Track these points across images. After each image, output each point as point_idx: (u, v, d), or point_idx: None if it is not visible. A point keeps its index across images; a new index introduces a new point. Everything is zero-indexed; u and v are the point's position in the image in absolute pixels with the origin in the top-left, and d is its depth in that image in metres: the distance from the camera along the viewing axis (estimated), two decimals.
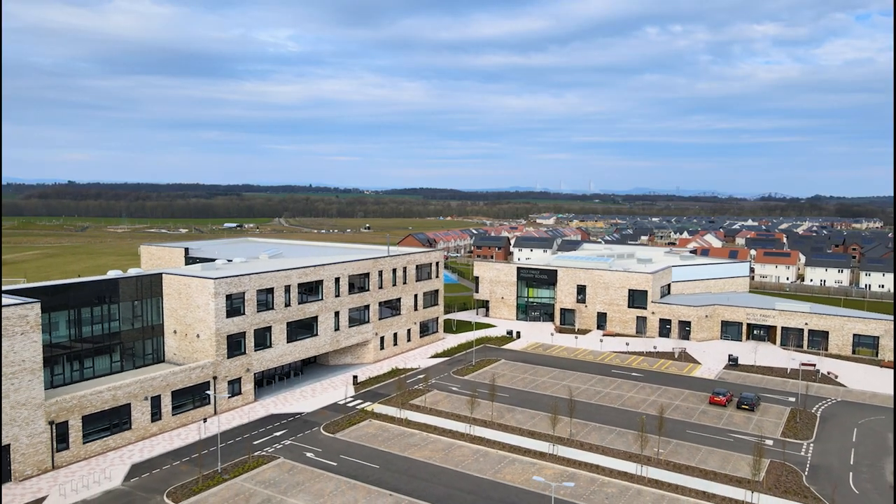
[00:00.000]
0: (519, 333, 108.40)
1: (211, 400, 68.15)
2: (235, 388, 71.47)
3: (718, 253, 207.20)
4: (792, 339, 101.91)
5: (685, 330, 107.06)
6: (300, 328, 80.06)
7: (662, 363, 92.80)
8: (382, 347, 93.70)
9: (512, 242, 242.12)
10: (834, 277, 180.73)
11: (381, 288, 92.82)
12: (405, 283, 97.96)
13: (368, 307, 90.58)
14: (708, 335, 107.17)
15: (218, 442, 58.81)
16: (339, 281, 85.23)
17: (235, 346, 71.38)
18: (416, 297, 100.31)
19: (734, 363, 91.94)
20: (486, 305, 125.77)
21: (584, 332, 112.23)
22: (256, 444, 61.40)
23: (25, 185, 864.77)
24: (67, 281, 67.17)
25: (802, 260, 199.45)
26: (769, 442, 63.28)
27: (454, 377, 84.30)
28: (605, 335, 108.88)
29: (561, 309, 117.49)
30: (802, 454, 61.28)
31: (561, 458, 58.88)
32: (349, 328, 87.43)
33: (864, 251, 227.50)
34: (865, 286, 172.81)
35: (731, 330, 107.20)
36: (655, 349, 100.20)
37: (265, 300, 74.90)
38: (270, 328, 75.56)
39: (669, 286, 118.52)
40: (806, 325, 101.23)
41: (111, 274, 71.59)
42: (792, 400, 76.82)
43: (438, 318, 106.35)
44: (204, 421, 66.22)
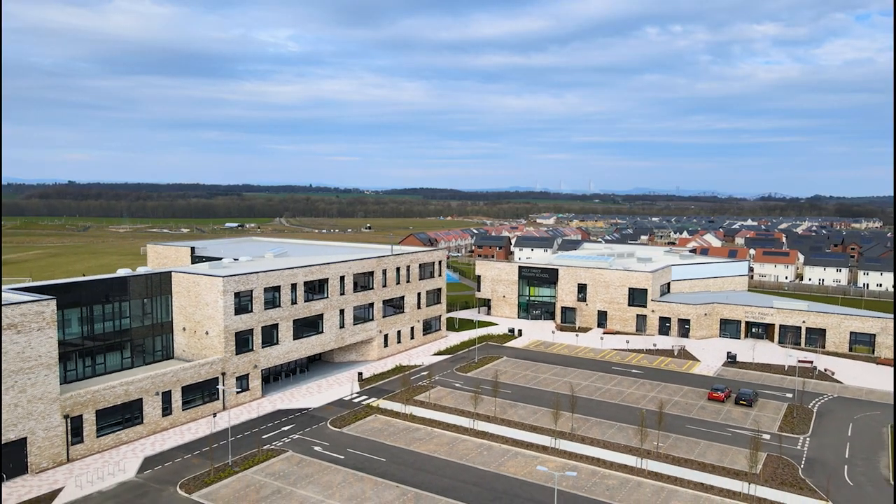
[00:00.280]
0: (520, 331, 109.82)
1: (220, 395, 69.58)
2: (243, 383, 72.91)
3: (718, 252, 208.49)
4: (790, 336, 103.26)
5: (684, 328, 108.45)
6: (306, 326, 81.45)
7: (662, 360, 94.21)
8: (386, 345, 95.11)
9: (512, 242, 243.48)
10: (832, 277, 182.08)
11: (384, 286, 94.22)
12: (408, 281, 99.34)
13: (373, 305, 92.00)
14: (707, 333, 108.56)
15: (229, 435, 60.29)
16: (343, 279, 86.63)
17: (243, 342, 72.80)
18: (419, 295, 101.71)
19: (733, 360, 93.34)
20: (487, 304, 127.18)
21: (584, 330, 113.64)
22: (265, 438, 62.82)
23: (26, 185, 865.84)
24: (79, 279, 68.65)
25: (801, 259, 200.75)
26: (766, 436, 64.63)
27: (457, 374, 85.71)
28: (605, 333, 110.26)
29: (562, 307, 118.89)
30: (799, 448, 62.68)
31: (563, 451, 60.30)
32: (354, 326, 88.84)
33: (862, 251, 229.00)
34: (863, 285, 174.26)
35: (729, 328, 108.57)
36: (655, 347, 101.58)
37: (272, 298, 76.30)
38: (277, 325, 76.98)
39: (669, 285, 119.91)
40: (803, 322, 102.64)
41: (121, 272, 72.95)
42: (789, 396, 78.24)
43: (441, 316, 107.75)
44: (214, 416, 67.67)
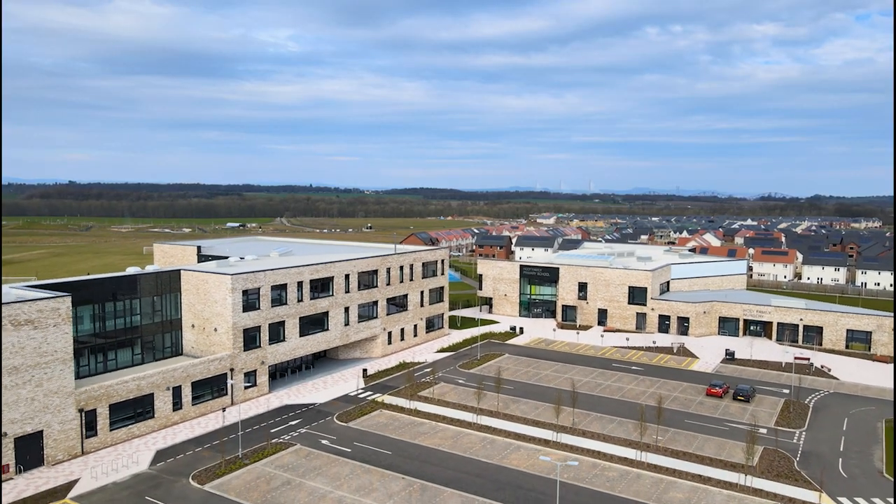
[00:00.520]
0: (522, 329, 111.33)
1: (229, 390, 71.09)
2: (251, 379, 74.40)
3: (717, 252, 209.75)
4: (787, 334, 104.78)
5: (684, 326, 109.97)
6: (312, 323, 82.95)
7: (661, 357, 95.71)
8: (390, 342, 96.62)
9: (513, 241, 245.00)
10: (830, 276, 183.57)
11: (388, 284, 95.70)
12: (412, 280, 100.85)
13: (377, 303, 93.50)
14: (706, 331, 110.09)
15: (239, 429, 61.83)
16: (348, 278, 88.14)
17: (251, 339, 74.32)
18: (422, 293, 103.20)
19: (731, 357, 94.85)
20: (489, 302, 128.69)
21: (585, 328, 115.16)
22: (273, 431, 64.31)
23: (26, 185, 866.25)
24: (91, 277, 70.16)
25: (800, 259, 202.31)
26: (763, 430, 66.14)
27: (460, 370, 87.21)
28: (605, 331, 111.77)
29: (563, 305, 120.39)
30: (795, 442, 64.19)
31: (564, 444, 61.80)
32: (358, 323, 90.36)
33: (860, 250, 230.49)
34: (861, 284, 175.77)
35: (728, 326, 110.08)
36: (655, 344, 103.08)
37: (279, 296, 77.79)
38: (284, 323, 78.50)
39: (668, 283, 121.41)
40: (801, 320, 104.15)
41: (131, 270, 74.49)
42: (786, 392, 79.74)
43: (444, 314, 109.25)
44: (223, 410, 69.16)
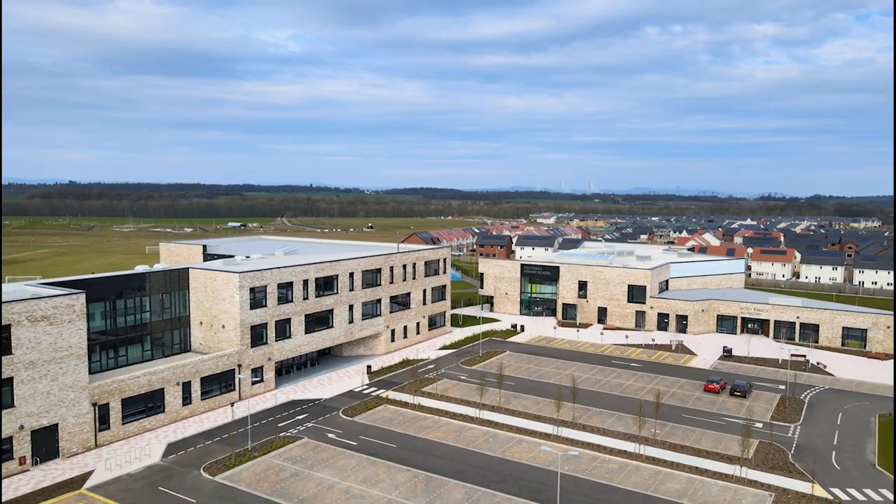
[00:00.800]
0: (523, 327, 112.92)
1: (237, 385, 72.67)
2: (258, 375, 76.01)
3: (716, 251, 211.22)
4: (784, 331, 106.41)
5: (682, 323, 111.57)
6: (317, 320, 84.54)
7: (660, 354, 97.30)
8: (393, 340, 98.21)
9: (514, 241, 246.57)
10: (828, 275, 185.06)
11: (391, 283, 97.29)
12: (414, 278, 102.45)
13: (380, 301, 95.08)
14: (704, 328, 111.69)
15: (248, 423, 63.44)
16: (353, 276, 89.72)
17: (258, 336, 75.90)
18: (424, 292, 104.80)
19: (728, 354, 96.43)
20: (490, 301, 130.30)
21: (585, 325, 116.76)
22: (281, 426, 65.92)
23: (26, 185, 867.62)
24: (102, 275, 71.75)
25: (798, 258, 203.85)
26: (759, 425, 67.67)
27: (462, 367, 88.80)
28: (605, 329, 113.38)
29: (563, 304, 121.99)
30: (789, 435, 65.78)
31: (564, 438, 63.41)
32: (362, 321, 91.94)
33: (858, 249, 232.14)
34: (859, 283, 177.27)
35: (726, 323, 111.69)
36: (654, 341, 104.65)
37: (285, 294, 79.38)
38: (290, 320, 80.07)
39: (667, 282, 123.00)
40: (798, 318, 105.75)
41: (139, 268, 76.06)
42: (782, 388, 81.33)
43: (446, 312, 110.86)
44: (232, 405, 70.76)
